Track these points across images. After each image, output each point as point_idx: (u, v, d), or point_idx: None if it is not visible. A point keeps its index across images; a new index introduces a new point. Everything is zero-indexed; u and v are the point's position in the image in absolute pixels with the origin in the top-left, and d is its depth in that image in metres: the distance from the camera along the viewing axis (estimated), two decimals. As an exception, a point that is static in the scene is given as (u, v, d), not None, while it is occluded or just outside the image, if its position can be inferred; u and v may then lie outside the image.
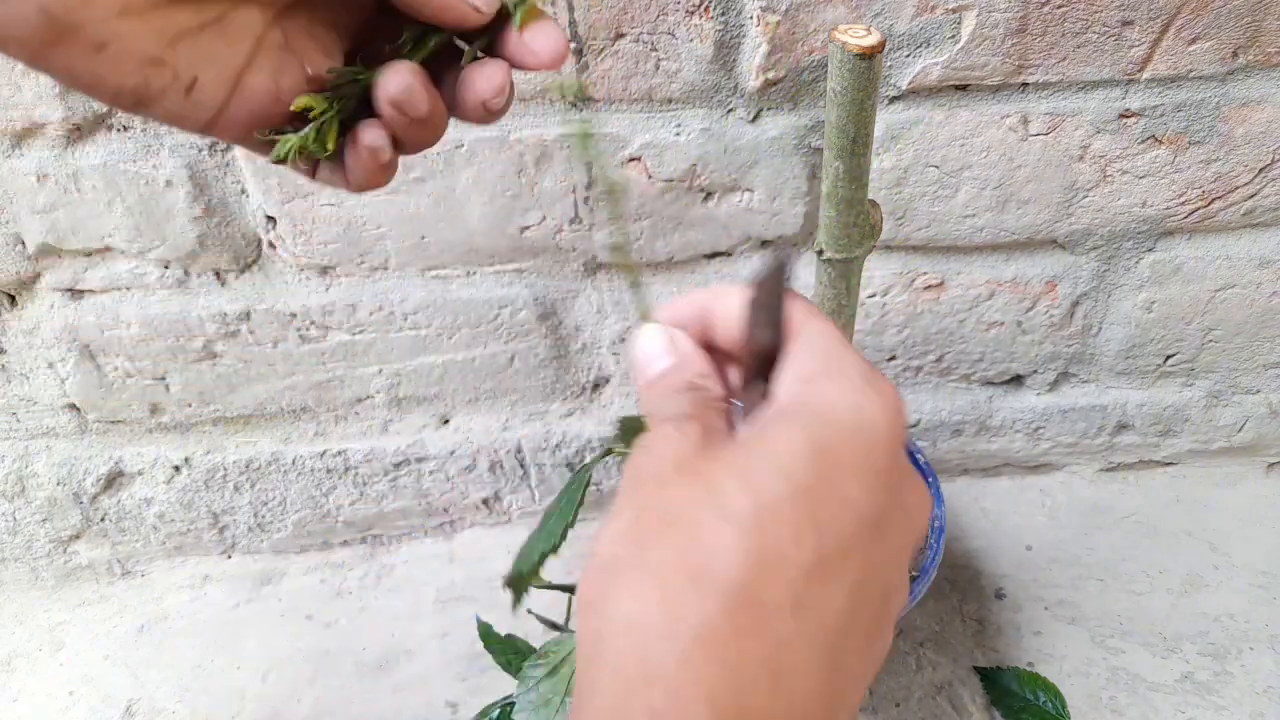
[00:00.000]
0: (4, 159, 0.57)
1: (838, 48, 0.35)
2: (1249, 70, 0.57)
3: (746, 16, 0.54)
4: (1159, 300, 0.68)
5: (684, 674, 0.21)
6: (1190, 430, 0.78)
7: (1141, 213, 0.63)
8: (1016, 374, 0.74)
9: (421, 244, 0.63)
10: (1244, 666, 0.66)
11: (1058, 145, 0.60)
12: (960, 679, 0.67)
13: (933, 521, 0.60)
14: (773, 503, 0.23)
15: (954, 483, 0.81)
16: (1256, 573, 0.73)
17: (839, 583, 0.23)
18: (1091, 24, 0.54)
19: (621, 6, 0.53)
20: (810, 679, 0.22)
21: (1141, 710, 0.64)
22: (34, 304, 0.64)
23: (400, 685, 0.70)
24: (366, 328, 0.67)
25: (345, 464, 0.75)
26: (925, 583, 0.56)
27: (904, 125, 0.59)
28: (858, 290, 0.47)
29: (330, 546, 0.81)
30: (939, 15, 0.54)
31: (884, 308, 0.68)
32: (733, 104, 0.57)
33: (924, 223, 0.63)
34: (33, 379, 0.68)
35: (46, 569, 0.79)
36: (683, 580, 0.22)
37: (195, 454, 0.73)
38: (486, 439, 0.74)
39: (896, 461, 0.25)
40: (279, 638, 0.74)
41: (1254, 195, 0.63)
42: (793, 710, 0.22)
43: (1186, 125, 0.59)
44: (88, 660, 0.73)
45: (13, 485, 0.73)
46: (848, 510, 0.24)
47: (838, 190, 0.41)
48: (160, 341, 0.66)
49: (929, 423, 0.77)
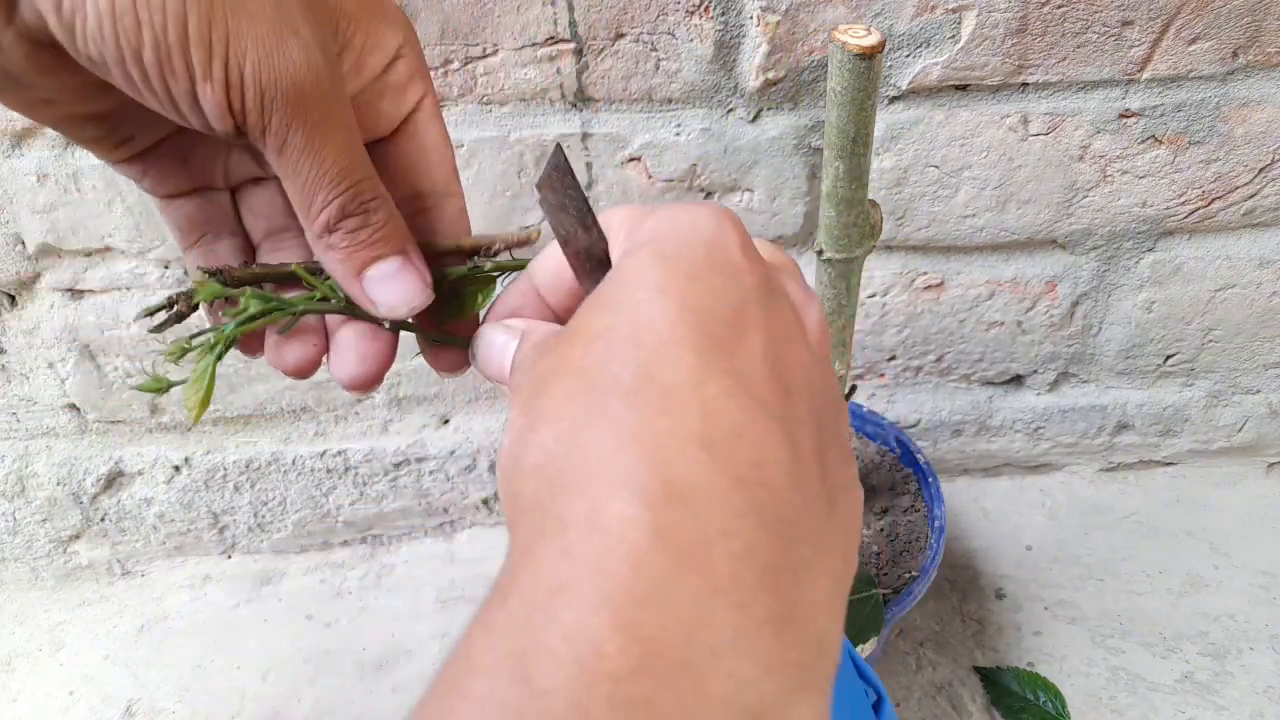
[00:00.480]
0: (4, 159, 0.57)
1: (838, 48, 0.35)
2: (1249, 70, 0.57)
3: (746, 16, 0.54)
4: (1159, 300, 0.68)
5: (611, 471, 0.20)
6: (1190, 430, 0.78)
7: (1141, 213, 0.63)
8: (1016, 374, 0.74)
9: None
10: (1244, 666, 0.66)
11: (1058, 145, 0.60)
12: (960, 679, 0.67)
13: (933, 521, 0.60)
14: (648, 311, 0.22)
15: (954, 483, 0.81)
16: (1256, 573, 0.73)
17: (747, 354, 0.22)
18: (1091, 24, 0.54)
19: (621, 6, 0.53)
20: (759, 439, 0.21)
21: (1141, 710, 0.64)
22: (34, 304, 0.64)
23: (400, 685, 0.70)
24: (366, 328, 0.67)
25: (345, 464, 0.75)
26: (925, 583, 0.56)
27: (904, 125, 0.59)
28: (858, 290, 0.47)
29: (330, 546, 0.81)
30: (939, 15, 0.54)
31: (884, 308, 0.68)
32: (733, 104, 0.57)
33: (924, 223, 0.63)
34: (33, 379, 0.68)
35: (46, 569, 0.79)
36: (591, 398, 0.21)
37: (195, 454, 0.73)
38: (486, 439, 0.74)
39: (752, 252, 0.24)
40: (279, 638, 0.74)
41: (1254, 195, 0.63)
42: (743, 476, 0.20)
43: (1186, 125, 0.59)
44: (88, 660, 0.73)
45: (13, 485, 0.73)
46: (716, 298, 0.22)
47: (838, 190, 0.41)
48: (160, 341, 0.66)
49: (929, 423, 0.77)
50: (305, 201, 0.26)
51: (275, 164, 0.26)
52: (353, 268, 0.27)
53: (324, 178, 0.26)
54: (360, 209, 0.27)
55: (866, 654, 0.59)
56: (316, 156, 0.25)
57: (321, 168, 0.26)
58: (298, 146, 0.25)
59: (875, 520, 0.62)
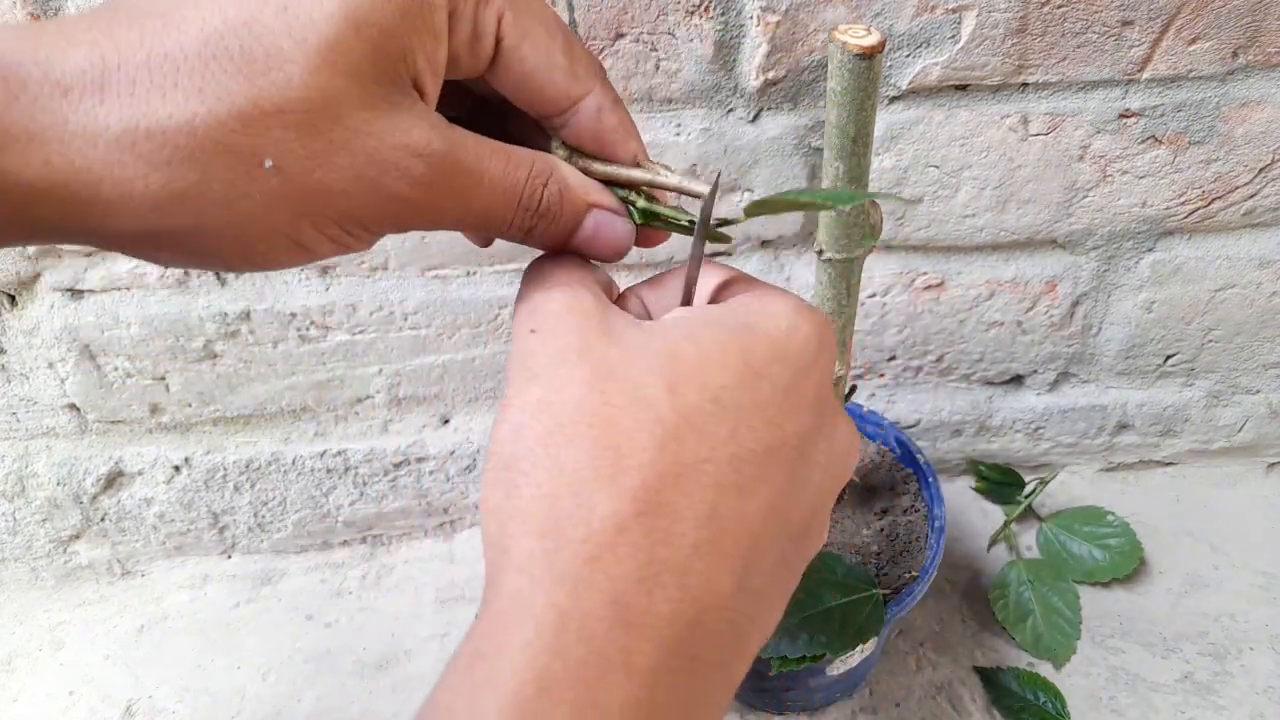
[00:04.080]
0: (4, 159, 0.57)
1: (838, 48, 0.35)
2: (1249, 70, 0.57)
3: (746, 16, 0.54)
4: (1159, 300, 0.68)
5: (592, 575, 0.21)
6: (1190, 430, 0.78)
7: (1141, 213, 0.63)
8: (1016, 374, 0.74)
9: (422, 244, 0.63)
10: (1244, 666, 0.66)
11: (1058, 145, 0.60)
12: (960, 679, 0.67)
13: (933, 521, 0.60)
14: (696, 410, 0.22)
15: (954, 483, 0.81)
16: (1256, 573, 0.73)
17: (754, 500, 0.23)
18: (1091, 24, 0.54)
19: (621, 6, 0.53)
20: (717, 587, 0.22)
21: (1141, 710, 0.64)
22: (34, 304, 0.64)
23: (400, 685, 0.70)
24: (366, 327, 0.67)
25: (345, 464, 0.75)
26: (925, 583, 0.56)
27: (904, 125, 0.59)
28: (858, 290, 0.47)
29: (330, 546, 0.81)
30: (939, 15, 0.54)
31: (884, 308, 0.68)
32: (733, 104, 0.57)
33: (924, 223, 0.63)
34: (33, 379, 0.68)
35: (46, 569, 0.79)
36: (596, 484, 0.21)
37: (195, 454, 0.73)
38: (486, 439, 0.74)
39: (825, 391, 0.25)
40: (279, 638, 0.74)
41: (1254, 195, 0.63)
42: (698, 618, 0.22)
43: (1186, 125, 0.59)
44: (88, 660, 0.73)
45: (13, 485, 0.73)
46: (771, 430, 0.23)
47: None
48: (160, 341, 0.66)
49: (929, 423, 0.77)
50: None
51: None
52: (554, 249, 0.29)
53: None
54: (532, 221, 0.28)
55: (866, 654, 0.59)
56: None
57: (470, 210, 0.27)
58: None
59: (875, 520, 0.62)
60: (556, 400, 0.23)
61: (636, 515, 0.21)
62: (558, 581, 0.21)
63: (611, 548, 0.21)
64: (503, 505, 0.22)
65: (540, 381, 0.23)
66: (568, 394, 0.23)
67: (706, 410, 0.22)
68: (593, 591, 0.21)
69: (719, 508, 0.22)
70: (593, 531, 0.21)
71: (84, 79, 0.21)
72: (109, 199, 0.21)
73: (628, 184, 0.30)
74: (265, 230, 0.23)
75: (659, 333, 0.24)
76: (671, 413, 0.22)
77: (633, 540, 0.21)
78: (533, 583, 0.21)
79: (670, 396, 0.22)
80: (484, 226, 0.27)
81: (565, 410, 0.23)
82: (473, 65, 0.27)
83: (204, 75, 0.21)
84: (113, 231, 0.22)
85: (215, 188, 0.22)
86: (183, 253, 0.24)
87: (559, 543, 0.21)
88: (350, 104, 0.22)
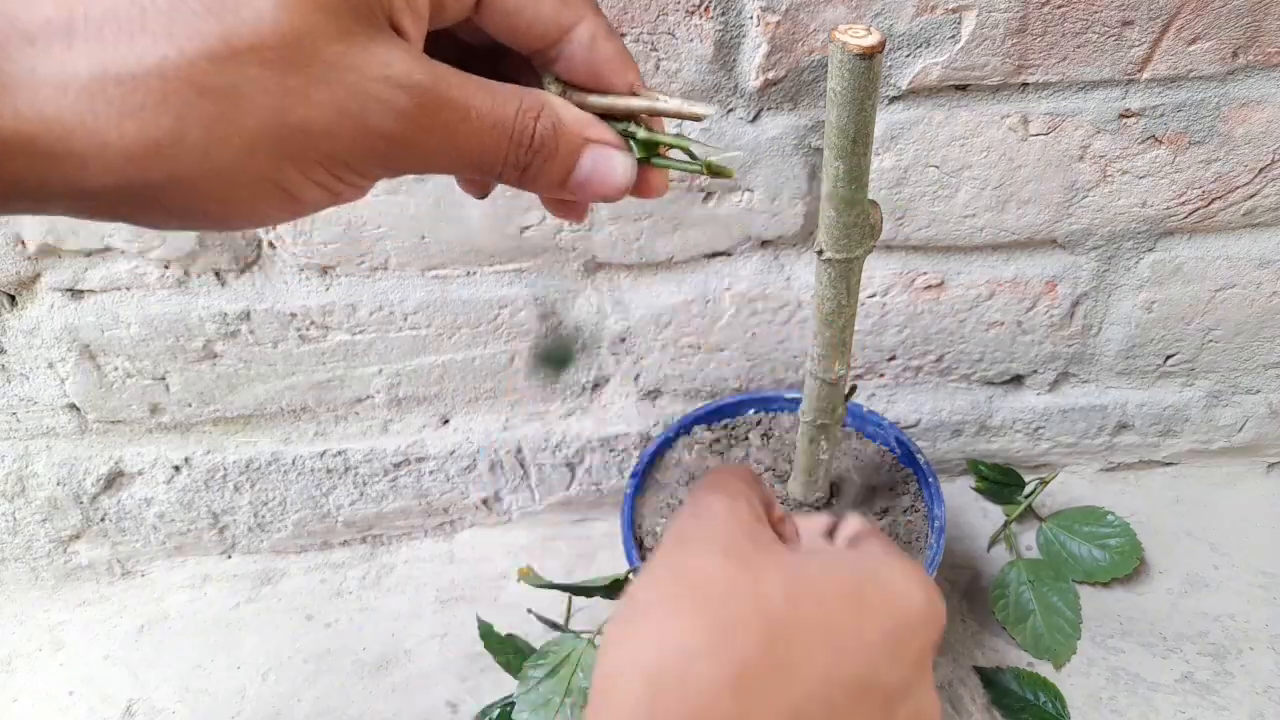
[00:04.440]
0: (4, 159, 0.57)
1: (838, 48, 0.35)
2: (1249, 70, 0.57)
3: (746, 16, 0.54)
4: (1159, 300, 0.68)
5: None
6: (1190, 430, 0.78)
7: (1141, 213, 0.63)
8: (1016, 374, 0.74)
9: (421, 244, 0.63)
10: (1244, 666, 0.66)
11: (1058, 145, 0.60)
12: (960, 679, 0.67)
13: (933, 521, 0.60)
14: (808, 624, 0.24)
15: (954, 483, 0.81)
16: (1256, 573, 0.73)
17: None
18: (1091, 24, 0.54)
19: (621, 6, 0.53)
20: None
21: (1141, 710, 0.64)
22: (34, 304, 0.64)
23: (400, 685, 0.70)
24: (366, 328, 0.67)
25: (345, 464, 0.75)
26: (925, 583, 0.56)
27: (904, 125, 0.59)
28: (858, 290, 0.47)
29: (330, 546, 0.81)
30: (939, 15, 0.54)
31: (884, 308, 0.68)
32: (733, 104, 0.57)
33: (924, 223, 0.63)
34: (33, 379, 0.68)
35: (46, 569, 0.79)
36: (702, 653, 0.23)
37: (195, 454, 0.73)
38: (486, 439, 0.74)
39: (925, 657, 0.27)
40: (279, 638, 0.74)
41: (1254, 195, 0.63)
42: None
43: (1186, 125, 0.59)
44: (88, 660, 0.73)
45: (13, 485, 0.73)
46: (870, 669, 0.24)
47: (838, 190, 0.41)
48: (160, 341, 0.66)
49: (929, 423, 0.77)
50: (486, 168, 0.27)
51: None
52: (552, 189, 0.28)
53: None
54: (527, 158, 0.27)
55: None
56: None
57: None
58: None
59: (875, 520, 0.62)
60: (691, 573, 0.26)
61: (731, 688, 0.23)
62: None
63: (706, 710, 0.23)
64: (620, 640, 0.25)
65: (686, 550, 0.27)
66: (703, 573, 0.26)
67: (817, 628, 0.24)
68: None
69: (802, 713, 0.23)
70: (689, 693, 0.23)
71: (50, 27, 0.21)
72: (83, 151, 0.21)
73: (626, 114, 0.29)
74: (248, 178, 0.23)
75: (795, 554, 0.27)
76: (785, 617, 0.24)
77: (722, 710, 0.23)
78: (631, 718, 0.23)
79: (787, 605, 0.24)
80: (476, 167, 0.26)
81: (695, 582, 0.25)
82: (459, 6, 0.26)
83: (172, 17, 0.21)
84: (90, 190, 0.22)
85: (192, 134, 0.21)
86: (164, 211, 0.23)
87: (660, 688, 0.23)
88: (325, 37, 0.22)
